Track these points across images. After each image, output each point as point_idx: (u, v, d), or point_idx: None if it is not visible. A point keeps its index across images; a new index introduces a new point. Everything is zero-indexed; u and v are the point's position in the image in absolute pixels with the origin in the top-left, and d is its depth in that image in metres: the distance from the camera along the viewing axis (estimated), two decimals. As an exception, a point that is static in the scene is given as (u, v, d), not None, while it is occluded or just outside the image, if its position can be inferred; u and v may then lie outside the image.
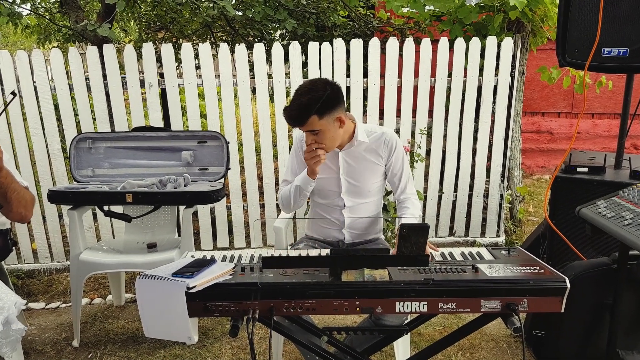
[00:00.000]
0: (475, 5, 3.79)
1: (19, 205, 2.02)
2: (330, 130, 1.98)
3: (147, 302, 1.45)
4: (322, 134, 1.97)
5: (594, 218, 1.79)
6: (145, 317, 1.46)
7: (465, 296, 1.44)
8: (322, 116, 1.94)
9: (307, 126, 1.95)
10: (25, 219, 2.09)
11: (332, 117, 1.97)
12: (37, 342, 2.77)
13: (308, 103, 1.91)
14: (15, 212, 2.03)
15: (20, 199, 2.01)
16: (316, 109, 1.91)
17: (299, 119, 1.93)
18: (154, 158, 2.95)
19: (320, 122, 1.94)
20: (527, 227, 4.16)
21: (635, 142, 5.86)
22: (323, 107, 1.92)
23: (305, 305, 1.45)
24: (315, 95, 1.91)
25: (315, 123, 1.94)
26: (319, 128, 1.95)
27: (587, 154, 2.72)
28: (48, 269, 3.62)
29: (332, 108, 1.96)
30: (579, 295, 1.95)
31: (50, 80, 3.36)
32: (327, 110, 1.94)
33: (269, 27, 4.64)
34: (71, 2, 3.86)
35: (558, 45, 2.47)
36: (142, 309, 1.46)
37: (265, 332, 2.76)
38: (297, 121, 1.95)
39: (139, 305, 1.46)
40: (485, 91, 3.60)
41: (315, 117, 1.92)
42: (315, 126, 1.94)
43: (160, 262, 2.36)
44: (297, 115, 1.93)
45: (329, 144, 2.02)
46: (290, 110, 1.95)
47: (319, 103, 1.91)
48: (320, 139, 1.99)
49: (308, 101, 1.91)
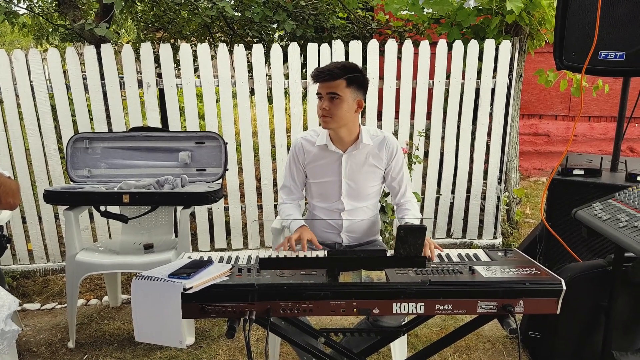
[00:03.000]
0: (473, 8, 3.81)
1: (7, 196, 2.11)
2: (347, 103, 1.99)
3: (141, 304, 1.45)
4: (339, 103, 1.98)
5: (590, 220, 1.80)
6: (138, 320, 1.45)
7: (462, 297, 1.44)
8: (349, 86, 1.98)
9: (332, 86, 1.97)
10: (14, 207, 2.21)
11: (355, 94, 2.01)
12: (32, 343, 2.76)
13: (345, 66, 1.98)
14: (4, 203, 2.12)
15: (8, 190, 2.12)
16: (349, 76, 1.96)
17: (332, 74, 1.96)
18: (152, 158, 2.94)
19: (345, 89, 1.97)
20: (524, 229, 4.16)
21: (632, 145, 5.89)
22: (354, 79, 1.98)
23: (302, 307, 1.45)
24: (353, 65, 2.01)
25: (341, 88, 1.97)
26: (341, 95, 1.97)
27: (584, 157, 2.73)
28: (44, 269, 3.61)
29: (359, 87, 2.02)
30: (575, 297, 1.96)
31: (47, 80, 3.35)
32: (355, 84, 1.99)
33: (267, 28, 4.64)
34: (69, 1, 3.85)
35: (555, 49, 2.48)
36: (136, 311, 1.45)
37: (262, 334, 2.75)
38: (329, 75, 1.96)
39: (133, 307, 1.45)
40: (483, 94, 3.61)
41: (344, 82, 1.96)
42: (339, 90, 1.97)
43: (157, 263, 2.36)
44: (332, 69, 1.96)
45: (338, 118, 2.01)
46: (326, 66, 1.99)
47: (354, 73, 1.98)
48: (334, 108, 1.99)
49: (346, 65, 1.99)
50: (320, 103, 2.01)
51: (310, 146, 2.18)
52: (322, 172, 2.18)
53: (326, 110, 1.99)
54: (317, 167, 2.19)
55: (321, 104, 2.00)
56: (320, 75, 1.96)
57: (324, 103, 1.99)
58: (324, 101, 1.99)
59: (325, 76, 1.96)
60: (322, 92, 1.99)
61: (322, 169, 2.18)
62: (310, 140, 2.19)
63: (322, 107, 1.99)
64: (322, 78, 1.97)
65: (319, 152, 2.16)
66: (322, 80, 1.97)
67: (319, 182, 2.20)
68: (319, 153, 2.16)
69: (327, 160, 2.16)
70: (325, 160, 2.17)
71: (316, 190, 2.23)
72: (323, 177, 2.18)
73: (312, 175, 2.22)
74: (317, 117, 2.07)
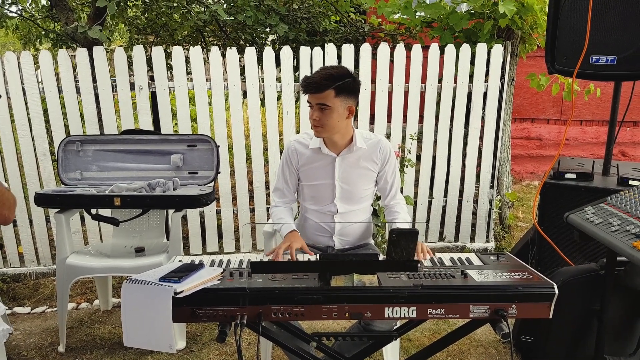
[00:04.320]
0: (465, 12, 3.83)
1: (3, 207, 2.03)
2: (338, 112, 1.98)
3: (131, 308, 1.43)
4: (329, 114, 1.96)
5: (582, 224, 1.80)
6: (128, 324, 1.44)
7: (454, 302, 1.44)
8: (338, 95, 1.95)
9: (321, 97, 1.94)
10: (8, 221, 2.10)
11: (345, 102, 1.98)
12: (22, 347, 2.73)
13: (332, 74, 1.93)
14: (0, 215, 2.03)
15: (4, 201, 2.02)
16: (337, 85, 1.93)
17: (319, 86, 1.93)
18: (143, 161, 2.93)
19: (334, 99, 1.94)
20: (517, 232, 4.18)
21: (623, 149, 5.93)
22: (343, 87, 1.94)
23: (294, 311, 1.44)
24: (341, 72, 1.96)
25: (330, 98, 1.94)
26: (330, 105, 1.95)
27: (576, 161, 2.75)
28: (34, 273, 3.57)
29: (349, 94, 1.98)
30: (567, 301, 1.96)
31: (39, 82, 3.33)
32: (345, 92, 1.96)
33: (260, 32, 4.64)
34: (61, 4, 3.83)
35: (547, 53, 2.49)
36: (126, 315, 1.44)
37: (254, 338, 2.74)
38: (316, 87, 1.94)
39: (123, 311, 1.44)
40: (475, 97, 3.62)
41: (333, 92, 1.93)
42: (327, 101, 1.94)
43: (148, 266, 2.33)
44: (319, 81, 1.93)
45: (330, 127, 2.00)
46: (313, 76, 1.95)
47: (342, 80, 1.93)
48: (324, 118, 1.97)
49: (333, 73, 1.94)
50: (310, 112, 2.00)
51: (303, 149, 2.17)
52: (315, 174, 2.17)
53: (317, 121, 1.98)
54: (310, 169, 2.18)
55: (311, 113, 1.99)
56: (308, 87, 1.95)
57: (315, 113, 1.98)
58: (315, 111, 1.98)
59: (312, 89, 1.95)
60: (311, 102, 1.98)
61: (315, 172, 2.17)
62: (303, 143, 2.18)
63: (312, 117, 1.99)
64: (310, 90, 1.96)
65: (313, 154, 2.16)
66: (310, 92, 1.97)
67: (312, 185, 2.19)
68: (312, 156, 2.16)
69: (321, 163, 2.16)
70: (318, 163, 2.16)
71: (309, 193, 2.23)
72: (316, 179, 2.17)
73: (306, 178, 2.21)
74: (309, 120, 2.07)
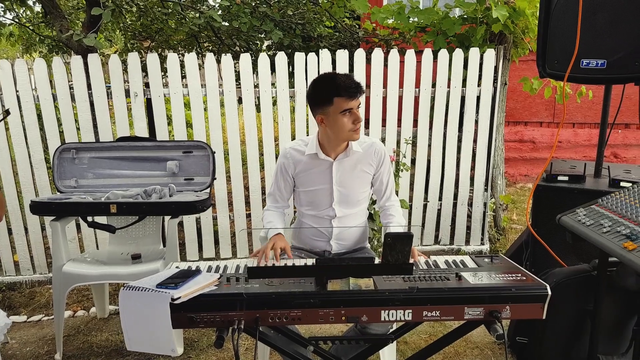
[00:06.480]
0: (458, 17, 3.86)
1: None
2: None
3: (130, 314, 1.44)
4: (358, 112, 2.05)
5: (574, 226, 1.82)
6: (128, 330, 1.45)
7: (449, 304, 1.46)
8: None
9: (359, 99, 2.02)
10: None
11: None
12: (19, 356, 2.72)
13: None
14: None
15: None
16: None
17: (361, 88, 2.01)
18: (139, 168, 2.93)
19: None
20: (511, 234, 4.20)
21: (615, 151, 5.98)
22: None
23: (291, 315, 1.45)
24: None
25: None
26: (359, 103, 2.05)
27: (568, 163, 2.77)
28: (30, 281, 3.56)
29: None
30: (561, 302, 1.99)
31: (34, 90, 3.33)
32: None
33: (255, 38, 4.66)
34: (56, 12, 3.84)
35: (538, 57, 2.52)
36: (125, 321, 1.45)
37: (251, 343, 2.74)
38: (361, 90, 2.01)
39: (122, 317, 1.45)
40: (468, 101, 3.65)
41: None
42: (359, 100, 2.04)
43: (145, 273, 2.33)
44: (358, 84, 1.99)
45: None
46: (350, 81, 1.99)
47: None
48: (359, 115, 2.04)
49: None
50: (353, 116, 2.01)
51: (299, 155, 2.18)
52: (313, 180, 2.18)
53: (359, 120, 2.03)
54: (307, 175, 2.19)
55: (356, 116, 2.01)
56: (358, 90, 1.99)
57: (359, 115, 2.03)
58: (358, 113, 2.03)
59: (359, 91, 2.00)
60: (353, 106, 2.00)
61: (313, 177, 2.18)
62: (299, 149, 2.19)
63: (358, 120, 2.02)
64: (360, 93, 2.01)
65: (309, 160, 2.17)
66: (356, 94, 1.99)
67: (309, 191, 2.20)
68: (309, 162, 2.17)
69: (318, 169, 2.17)
70: (316, 168, 2.18)
71: (305, 199, 2.24)
72: (314, 185, 2.19)
73: (303, 184, 2.22)
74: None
